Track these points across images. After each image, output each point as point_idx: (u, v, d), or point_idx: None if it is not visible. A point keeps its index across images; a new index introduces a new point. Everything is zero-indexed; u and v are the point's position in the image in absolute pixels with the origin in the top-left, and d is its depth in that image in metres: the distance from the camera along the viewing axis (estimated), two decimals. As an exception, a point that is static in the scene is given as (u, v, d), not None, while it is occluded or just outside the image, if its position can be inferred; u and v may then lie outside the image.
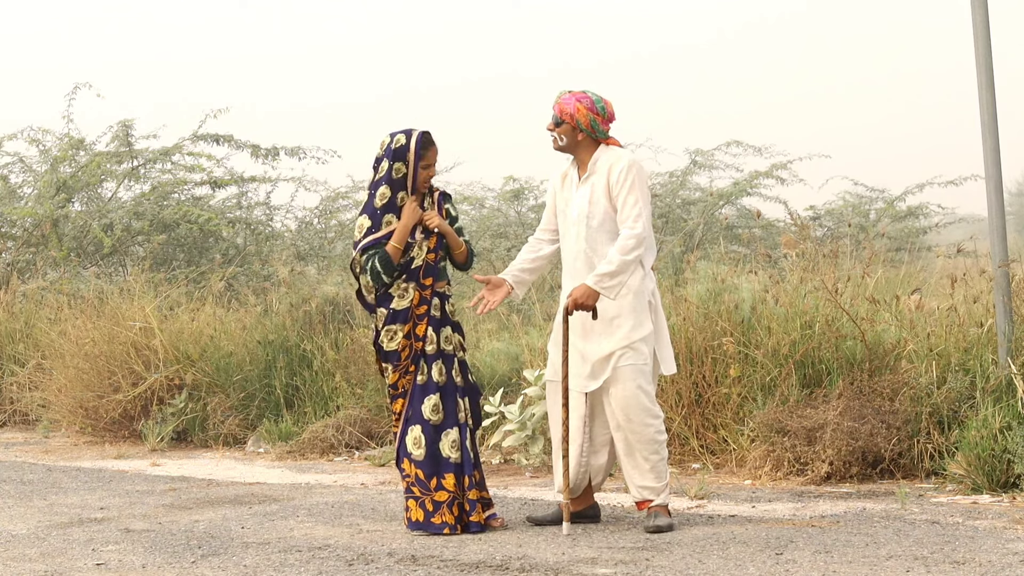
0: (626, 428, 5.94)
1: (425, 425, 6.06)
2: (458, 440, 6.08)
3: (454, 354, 6.17)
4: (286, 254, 13.21)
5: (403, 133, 6.15)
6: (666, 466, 6.02)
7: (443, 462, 6.05)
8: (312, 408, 9.49)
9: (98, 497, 7.48)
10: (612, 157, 6.04)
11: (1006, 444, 6.54)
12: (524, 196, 15.35)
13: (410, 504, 6.07)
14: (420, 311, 6.11)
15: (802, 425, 7.14)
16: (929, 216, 14.81)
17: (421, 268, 6.12)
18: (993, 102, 7.20)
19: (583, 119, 6.04)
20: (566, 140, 6.10)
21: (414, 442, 6.07)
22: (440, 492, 6.03)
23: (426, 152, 6.13)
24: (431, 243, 6.14)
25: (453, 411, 6.10)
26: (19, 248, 13.93)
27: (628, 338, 5.93)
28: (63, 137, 14.46)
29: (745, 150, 14.47)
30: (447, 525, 5.99)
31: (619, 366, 5.92)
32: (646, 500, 6.01)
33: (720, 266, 8.69)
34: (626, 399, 5.92)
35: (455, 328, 6.22)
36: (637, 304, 5.95)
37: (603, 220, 6.01)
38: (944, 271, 9.14)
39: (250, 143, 14.18)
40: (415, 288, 6.11)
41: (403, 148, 6.13)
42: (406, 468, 6.09)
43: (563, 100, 6.07)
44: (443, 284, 6.21)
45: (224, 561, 5.54)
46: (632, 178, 5.96)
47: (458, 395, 6.13)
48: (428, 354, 6.10)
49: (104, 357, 10.13)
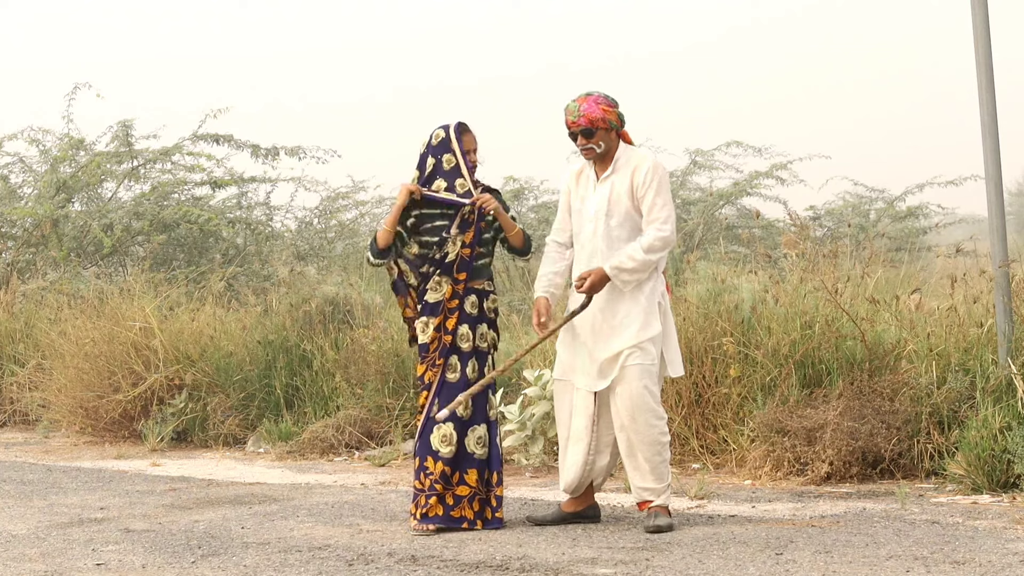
0: (630, 428, 5.95)
1: (457, 422, 6.07)
2: (484, 436, 6.10)
3: (488, 351, 6.21)
4: (286, 254, 13.21)
5: (441, 127, 6.25)
6: (668, 467, 6.03)
7: (467, 458, 6.07)
8: (312, 408, 9.49)
9: (98, 497, 7.48)
10: (636, 158, 6.06)
11: (1006, 444, 6.54)
12: (524, 196, 15.35)
13: (431, 501, 6.05)
14: (452, 305, 6.14)
15: (802, 425, 7.14)
16: (929, 216, 14.80)
17: (455, 263, 6.14)
18: (993, 102, 7.20)
19: (613, 117, 6.07)
20: (604, 145, 6.09)
21: (442, 439, 6.07)
22: (462, 487, 6.05)
23: (463, 138, 6.22)
24: (467, 238, 6.15)
25: (483, 407, 6.13)
26: (19, 248, 13.94)
27: (637, 337, 5.94)
28: (63, 137, 14.47)
29: (745, 150, 14.47)
30: (466, 519, 6.02)
31: (627, 365, 5.93)
32: (646, 500, 6.02)
33: (720, 266, 8.70)
34: (632, 399, 5.92)
35: (491, 325, 6.24)
36: (648, 305, 5.96)
37: (623, 219, 6.01)
38: (944, 271, 9.15)
39: (250, 143, 14.18)
40: (448, 282, 6.14)
41: (445, 140, 6.21)
42: (429, 466, 6.07)
43: (587, 109, 6.05)
44: (482, 282, 6.22)
45: (224, 561, 5.54)
46: (658, 181, 5.99)
47: (490, 392, 6.17)
48: (464, 351, 6.13)
49: (104, 357, 10.13)
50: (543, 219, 14.55)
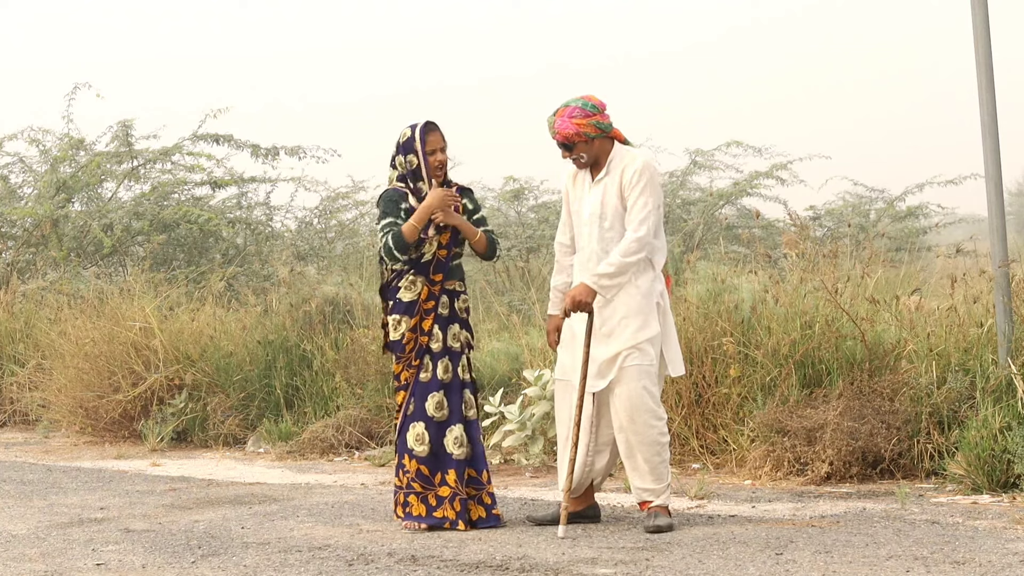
0: (628, 429, 5.94)
1: (428, 422, 6.09)
2: (461, 436, 6.10)
3: (461, 351, 6.20)
4: (286, 254, 13.19)
5: (409, 127, 6.20)
6: (667, 468, 6.03)
7: (446, 458, 6.08)
8: (312, 408, 9.49)
9: (98, 497, 7.48)
10: (628, 158, 6.05)
11: (1006, 444, 6.54)
12: (524, 196, 15.34)
13: (411, 500, 6.09)
14: (427, 306, 6.15)
15: (802, 425, 7.14)
16: (929, 216, 14.79)
17: (431, 263, 6.14)
18: (993, 102, 7.20)
19: (588, 129, 6.02)
20: (587, 156, 6.08)
21: (416, 439, 6.10)
22: (443, 488, 6.06)
23: (428, 138, 6.16)
24: (443, 239, 6.15)
25: (458, 407, 6.13)
26: (19, 248, 13.93)
27: (634, 338, 5.93)
28: (63, 137, 14.46)
29: (745, 150, 14.46)
30: (447, 520, 6.03)
31: (625, 366, 5.93)
32: (646, 500, 6.02)
33: (720, 266, 8.70)
34: (631, 399, 5.92)
35: (463, 325, 6.24)
36: (645, 305, 5.96)
37: (614, 221, 6.01)
38: (944, 271, 9.15)
39: (250, 143, 14.17)
40: (423, 282, 6.14)
41: (410, 140, 6.17)
42: (406, 464, 6.12)
43: (559, 127, 6.03)
44: (454, 282, 6.23)
45: (224, 561, 5.54)
46: (644, 181, 5.96)
47: (468, 391, 6.18)
48: (434, 351, 6.13)
49: (104, 357, 10.13)
50: (543, 219, 14.54)
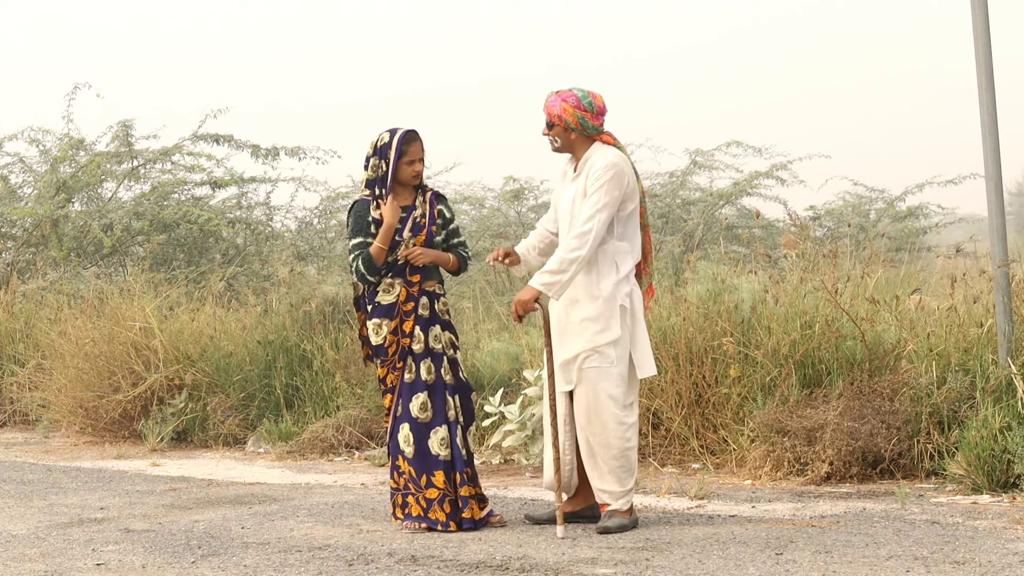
0: (587, 430, 5.94)
1: (413, 423, 6.10)
2: (447, 438, 6.11)
3: (444, 353, 6.19)
4: (286, 254, 13.20)
5: (388, 131, 6.18)
6: (631, 473, 5.96)
7: (432, 460, 6.09)
8: (312, 408, 9.49)
9: (98, 497, 7.48)
10: (599, 157, 6.01)
11: (1006, 444, 6.54)
12: (524, 196, 15.34)
13: (409, 500, 6.10)
14: (407, 308, 6.15)
15: (802, 425, 7.14)
16: (929, 216, 14.80)
17: (407, 265, 6.15)
18: (993, 102, 7.20)
19: (571, 118, 6.02)
20: (560, 141, 6.10)
21: (404, 439, 6.12)
22: (430, 489, 6.07)
23: (408, 148, 6.13)
24: (418, 241, 6.15)
25: (442, 409, 6.13)
26: (19, 248, 13.93)
27: (593, 341, 5.91)
28: (63, 137, 14.46)
29: (745, 150, 14.45)
30: (439, 522, 6.04)
31: (583, 368, 5.93)
32: (604, 502, 6.00)
33: (720, 266, 8.69)
34: (588, 402, 5.92)
35: (445, 326, 6.23)
36: (606, 309, 5.92)
37: None
38: (944, 271, 9.14)
39: (250, 143, 14.18)
40: (401, 284, 6.15)
41: (386, 145, 6.14)
42: (401, 465, 6.13)
43: (549, 103, 6.06)
44: (433, 283, 6.23)
45: (224, 561, 5.54)
46: (605, 179, 5.91)
47: (448, 393, 6.16)
48: (416, 353, 6.13)
49: (104, 357, 10.13)
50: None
